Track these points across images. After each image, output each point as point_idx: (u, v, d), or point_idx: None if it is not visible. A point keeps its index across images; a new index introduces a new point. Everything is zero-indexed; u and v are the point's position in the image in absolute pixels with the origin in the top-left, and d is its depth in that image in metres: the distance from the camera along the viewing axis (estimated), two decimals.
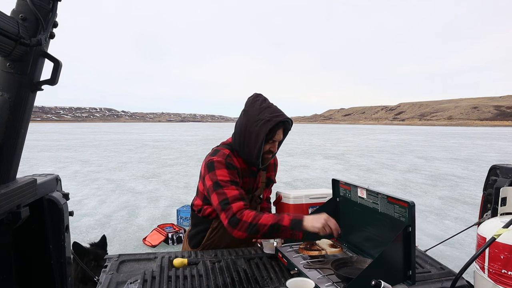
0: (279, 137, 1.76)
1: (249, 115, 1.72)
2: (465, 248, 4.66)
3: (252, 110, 1.72)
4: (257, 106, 1.72)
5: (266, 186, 1.98)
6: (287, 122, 1.74)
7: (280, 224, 1.53)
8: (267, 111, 1.69)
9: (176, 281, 1.41)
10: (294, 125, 1.87)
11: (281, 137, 1.78)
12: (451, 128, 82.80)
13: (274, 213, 1.70)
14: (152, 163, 13.26)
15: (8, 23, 0.96)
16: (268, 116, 1.67)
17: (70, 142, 25.84)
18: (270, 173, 1.99)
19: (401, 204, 1.27)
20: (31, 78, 1.11)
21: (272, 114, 1.69)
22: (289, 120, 1.74)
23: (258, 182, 1.90)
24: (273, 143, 1.76)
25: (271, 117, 1.67)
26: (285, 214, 1.58)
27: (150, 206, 6.96)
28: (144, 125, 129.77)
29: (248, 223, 1.55)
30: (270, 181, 1.99)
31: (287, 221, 1.53)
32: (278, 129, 1.72)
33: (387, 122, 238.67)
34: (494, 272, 1.10)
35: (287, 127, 1.78)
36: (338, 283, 1.25)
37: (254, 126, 1.69)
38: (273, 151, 1.79)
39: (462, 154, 17.24)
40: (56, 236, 1.32)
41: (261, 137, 1.66)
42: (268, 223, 1.54)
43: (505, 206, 1.47)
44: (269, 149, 1.76)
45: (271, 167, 2.00)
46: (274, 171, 2.03)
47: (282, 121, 1.70)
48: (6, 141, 1.09)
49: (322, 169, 12.20)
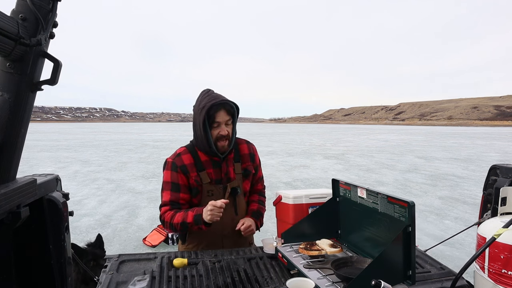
0: (222, 118, 1.79)
1: (194, 109, 1.85)
2: (465, 248, 4.66)
3: (196, 104, 1.84)
4: (199, 99, 1.84)
5: (245, 177, 1.96)
6: (227, 104, 1.79)
7: (186, 221, 1.75)
8: (205, 100, 1.79)
9: (176, 281, 1.41)
10: (294, 125, 1.89)
11: (225, 118, 1.80)
12: (451, 128, 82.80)
13: (184, 211, 1.80)
14: (152, 163, 13.26)
15: (8, 23, 0.96)
16: (204, 103, 1.78)
17: (70, 142, 25.85)
18: (246, 163, 1.97)
19: (401, 204, 1.27)
20: (31, 78, 1.11)
21: (208, 100, 1.78)
22: (227, 101, 1.78)
23: (228, 172, 1.89)
24: (218, 127, 1.80)
25: (206, 103, 1.77)
26: (190, 211, 1.77)
27: (150, 206, 6.96)
28: (144, 125, 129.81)
29: (168, 223, 1.81)
30: (247, 171, 1.96)
31: (190, 218, 1.75)
32: (217, 112, 1.77)
33: (387, 122, 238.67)
34: (494, 272, 1.10)
35: (229, 109, 1.80)
36: (338, 283, 1.25)
37: (196, 116, 1.82)
38: (223, 135, 1.80)
39: (462, 154, 17.24)
40: (56, 236, 1.32)
41: (201, 124, 1.77)
42: (179, 222, 1.77)
43: (505, 206, 1.47)
44: (218, 134, 1.80)
45: (246, 158, 1.97)
46: (252, 162, 1.99)
47: (216, 103, 1.75)
48: (6, 141, 1.09)
49: (322, 169, 12.20)
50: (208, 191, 1.86)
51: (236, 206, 1.91)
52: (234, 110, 1.84)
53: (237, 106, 1.85)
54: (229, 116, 1.82)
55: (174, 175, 1.84)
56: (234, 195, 1.89)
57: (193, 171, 1.84)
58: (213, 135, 1.80)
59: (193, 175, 1.84)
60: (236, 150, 1.95)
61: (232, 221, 1.88)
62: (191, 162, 1.85)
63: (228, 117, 1.81)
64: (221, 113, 1.78)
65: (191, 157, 1.86)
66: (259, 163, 2.08)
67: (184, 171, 1.83)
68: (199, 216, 1.72)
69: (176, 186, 1.84)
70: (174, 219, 1.79)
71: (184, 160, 1.85)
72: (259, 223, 1.97)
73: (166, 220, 1.83)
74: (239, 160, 1.95)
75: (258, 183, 2.08)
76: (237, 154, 1.95)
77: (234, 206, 1.90)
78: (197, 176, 1.84)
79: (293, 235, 1.66)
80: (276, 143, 23.61)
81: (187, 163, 1.85)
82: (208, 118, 1.77)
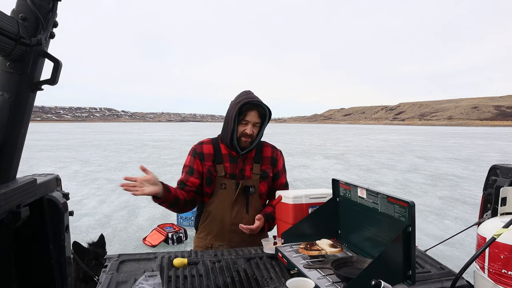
0: (252, 119, 1.85)
1: (230, 103, 1.92)
2: (465, 248, 4.66)
3: (233, 99, 1.92)
4: (238, 95, 1.92)
5: (262, 179, 1.98)
6: (261, 107, 1.86)
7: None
8: (242, 96, 1.87)
9: (176, 281, 1.41)
10: (294, 125, 1.91)
11: (255, 119, 1.86)
12: (451, 128, 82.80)
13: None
14: (152, 163, 13.26)
15: (8, 23, 0.96)
16: (240, 99, 1.85)
17: (70, 142, 25.85)
18: (266, 165, 1.99)
19: (401, 204, 1.26)
20: (31, 78, 1.11)
21: (243, 98, 1.86)
22: (262, 104, 1.85)
23: (243, 170, 1.93)
24: (246, 124, 1.86)
25: (241, 99, 1.85)
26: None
27: (150, 206, 6.96)
28: (144, 125, 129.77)
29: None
30: (265, 173, 1.99)
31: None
32: (249, 111, 1.84)
33: (387, 122, 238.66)
34: (494, 272, 1.10)
35: (261, 112, 1.87)
36: (338, 283, 1.25)
37: (229, 111, 1.89)
38: (248, 133, 1.86)
39: (462, 154, 17.24)
40: (56, 236, 1.32)
41: (232, 119, 1.84)
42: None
43: (505, 206, 1.47)
44: (244, 131, 1.86)
45: (267, 160, 2.00)
46: (272, 165, 2.02)
47: (251, 102, 1.82)
48: (6, 141, 1.09)
49: (322, 169, 12.20)
50: (221, 184, 1.92)
51: (248, 205, 1.94)
52: (266, 113, 1.90)
53: (270, 110, 1.91)
54: (259, 119, 1.89)
55: (192, 160, 1.95)
56: (246, 194, 1.93)
57: (209, 160, 1.93)
58: (239, 131, 1.87)
59: (208, 164, 1.92)
60: (258, 151, 2.00)
61: (242, 219, 1.92)
62: (210, 152, 1.94)
63: (258, 119, 1.88)
64: (252, 113, 1.85)
65: (212, 148, 1.95)
66: (283, 169, 2.09)
67: (201, 158, 1.94)
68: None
69: (190, 169, 1.94)
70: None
71: (204, 149, 1.95)
72: (267, 225, 1.98)
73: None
74: (260, 161, 1.98)
75: (282, 189, 2.06)
76: (258, 155, 1.99)
77: (245, 204, 1.93)
78: (211, 166, 1.92)
79: (293, 235, 1.66)
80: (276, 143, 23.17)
81: (206, 152, 1.94)
82: (239, 114, 1.84)
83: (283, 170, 2.10)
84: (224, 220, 1.90)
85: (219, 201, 1.93)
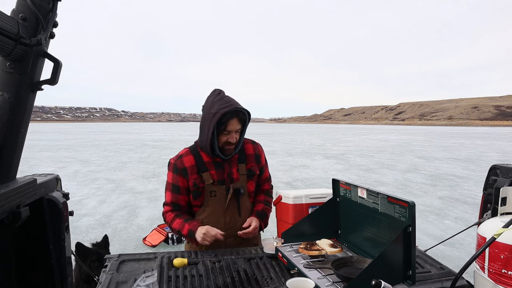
0: (233, 127, 1.76)
1: (203, 110, 1.80)
2: (465, 248, 4.66)
3: (206, 105, 1.79)
4: (210, 100, 1.78)
5: (249, 177, 1.94)
6: (240, 112, 1.75)
7: (181, 232, 1.82)
8: (216, 104, 1.73)
9: (176, 281, 1.41)
10: (294, 125, 1.89)
11: (236, 126, 1.77)
12: (451, 128, 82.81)
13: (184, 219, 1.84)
14: (152, 163, 13.25)
15: (8, 23, 0.96)
16: (216, 108, 1.71)
17: (70, 142, 25.85)
18: (251, 164, 1.95)
19: (401, 204, 1.27)
20: (31, 78, 1.11)
21: (220, 106, 1.72)
22: (241, 109, 1.75)
23: (231, 173, 1.88)
24: (228, 134, 1.77)
25: (219, 109, 1.71)
26: (187, 224, 1.81)
27: (150, 206, 6.96)
28: (144, 125, 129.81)
29: (168, 223, 1.89)
30: (251, 172, 1.94)
31: (186, 230, 1.80)
32: (229, 120, 1.73)
33: (387, 122, 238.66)
34: (494, 272, 1.10)
35: (242, 118, 1.78)
36: (338, 283, 1.25)
37: (206, 121, 1.76)
38: (232, 142, 1.79)
39: (462, 154, 17.24)
40: (56, 236, 1.32)
41: (210, 131, 1.73)
42: (176, 228, 1.84)
43: (505, 206, 1.47)
44: (227, 141, 1.78)
45: (251, 158, 1.96)
46: (257, 162, 1.98)
47: (230, 111, 1.70)
48: (6, 141, 1.09)
49: (322, 169, 12.20)
50: (211, 192, 1.86)
51: (240, 208, 1.91)
52: (246, 117, 1.81)
53: (249, 113, 1.82)
54: (241, 125, 1.80)
55: (175, 177, 1.87)
56: (237, 196, 1.89)
57: (193, 173, 1.84)
58: (221, 141, 1.79)
59: (193, 177, 1.84)
60: (241, 151, 1.93)
61: (236, 223, 1.88)
62: (192, 164, 1.85)
63: (239, 125, 1.79)
64: (233, 122, 1.75)
65: (193, 158, 1.87)
66: (265, 163, 2.06)
67: (184, 173, 1.85)
68: (192, 233, 1.78)
69: (176, 188, 1.87)
70: (173, 223, 1.86)
71: (185, 163, 1.86)
72: (263, 224, 1.97)
73: (167, 220, 1.90)
74: (244, 160, 1.93)
75: (265, 183, 2.06)
76: (242, 155, 1.93)
77: (237, 207, 1.90)
78: (197, 178, 1.84)
79: (293, 235, 1.66)
80: (276, 143, 23.56)
81: (188, 165, 1.85)
82: (218, 125, 1.73)
83: (266, 164, 2.06)
84: (218, 227, 1.81)
85: (211, 209, 1.87)
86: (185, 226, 1.81)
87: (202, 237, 1.73)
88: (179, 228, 1.83)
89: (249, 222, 1.86)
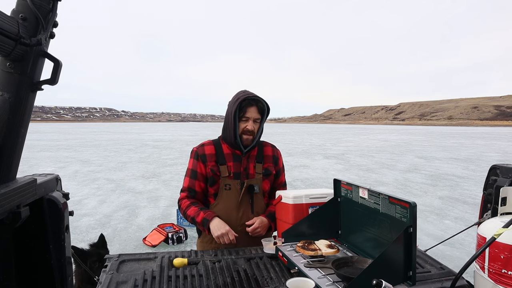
0: (252, 115, 1.87)
1: (228, 103, 1.94)
2: (465, 248, 4.66)
3: (231, 99, 1.94)
4: (235, 94, 1.94)
5: (265, 176, 2.00)
6: (260, 102, 1.88)
7: (195, 219, 1.87)
8: (240, 94, 1.90)
9: (176, 281, 1.41)
10: (294, 125, 1.92)
11: (255, 115, 1.88)
12: (451, 128, 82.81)
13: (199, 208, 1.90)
14: (152, 163, 13.26)
15: (8, 23, 0.96)
16: (238, 96, 1.88)
17: (70, 142, 25.85)
18: (268, 164, 2.02)
19: (402, 205, 1.26)
20: (31, 78, 1.11)
21: (242, 94, 1.88)
22: (260, 98, 1.88)
23: (247, 168, 1.95)
24: (246, 121, 1.88)
25: (240, 96, 1.87)
26: (202, 212, 1.87)
27: (150, 206, 6.96)
28: (144, 125, 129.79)
29: (183, 210, 1.94)
30: (267, 171, 2.00)
31: (200, 218, 1.86)
32: (248, 107, 1.86)
33: (387, 122, 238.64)
34: (494, 272, 1.10)
35: (260, 107, 1.89)
36: (339, 283, 1.24)
37: (229, 109, 1.91)
38: (249, 129, 1.88)
39: (462, 154, 17.24)
40: (56, 236, 1.32)
41: (232, 115, 1.86)
42: (190, 215, 1.89)
43: (505, 206, 1.47)
44: (245, 128, 1.88)
45: (268, 159, 2.03)
46: (274, 164, 2.04)
47: (249, 98, 1.85)
48: (6, 141, 1.09)
49: (322, 169, 12.20)
50: (225, 185, 1.93)
51: (253, 204, 1.96)
52: (265, 109, 1.91)
53: (268, 105, 1.93)
54: (259, 115, 1.90)
55: (195, 163, 1.96)
56: (251, 192, 1.94)
57: (211, 161, 1.94)
58: (240, 128, 1.89)
59: (210, 164, 1.93)
60: (259, 151, 2.02)
61: (248, 219, 1.93)
62: (212, 153, 1.95)
63: (258, 115, 1.89)
64: (252, 109, 1.87)
65: (214, 148, 1.97)
66: (282, 168, 2.13)
67: (203, 160, 1.94)
68: (207, 221, 1.83)
69: (194, 173, 1.95)
70: (188, 210, 1.91)
71: (206, 150, 1.96)
72: (273, 225, 1.99)
73: (182, 207, 1.95)
74: (262, 161, 2.00)
75: (280, 187, 2.10)
76: (260, 154, 2.01)
77: (251, 204, 1.95)
78: (214, 166, 1.93)
79: (294, 235, 1.66)
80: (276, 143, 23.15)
81: (208, 153, 1.95)
82: (239, 111, 1.86)
83: (283, 169, 2.14)
84: (231, 222, 1.87)
85: (224, 202, 1.93)
86: (200, 214, 1.86)
87: (218, 236, 1.78)
88: (193, 215, 1.87)
89: (254, 220, 1.91)
